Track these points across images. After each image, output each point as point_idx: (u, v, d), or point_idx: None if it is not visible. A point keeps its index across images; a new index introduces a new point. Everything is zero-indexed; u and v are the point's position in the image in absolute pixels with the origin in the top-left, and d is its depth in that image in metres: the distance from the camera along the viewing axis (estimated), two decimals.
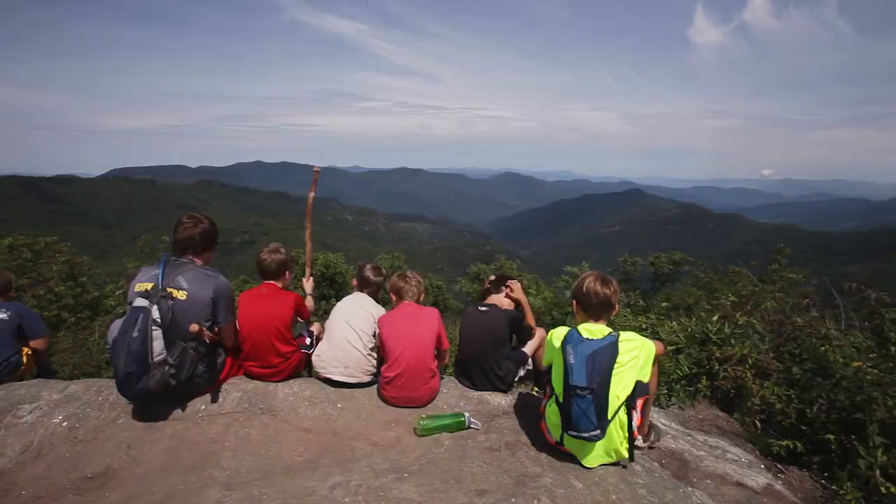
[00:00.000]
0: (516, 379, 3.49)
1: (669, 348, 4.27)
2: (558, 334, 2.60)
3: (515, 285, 3.57)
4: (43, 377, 3.68)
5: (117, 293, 11.61)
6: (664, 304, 6.67)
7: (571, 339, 2.47)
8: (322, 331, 3.51)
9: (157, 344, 2.60)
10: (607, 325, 2.60)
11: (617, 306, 2.67)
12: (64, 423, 2.76)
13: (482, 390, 3.36)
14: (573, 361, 2.40)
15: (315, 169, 3.96)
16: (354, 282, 3.60)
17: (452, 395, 3.29)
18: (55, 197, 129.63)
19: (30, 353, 3.47)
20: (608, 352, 2.40)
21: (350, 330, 3.17)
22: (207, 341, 2.84)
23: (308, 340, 3.46)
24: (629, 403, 2.48)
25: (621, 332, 2.51)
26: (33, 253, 10.15)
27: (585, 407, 2.37)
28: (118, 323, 3.98)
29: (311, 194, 3.91)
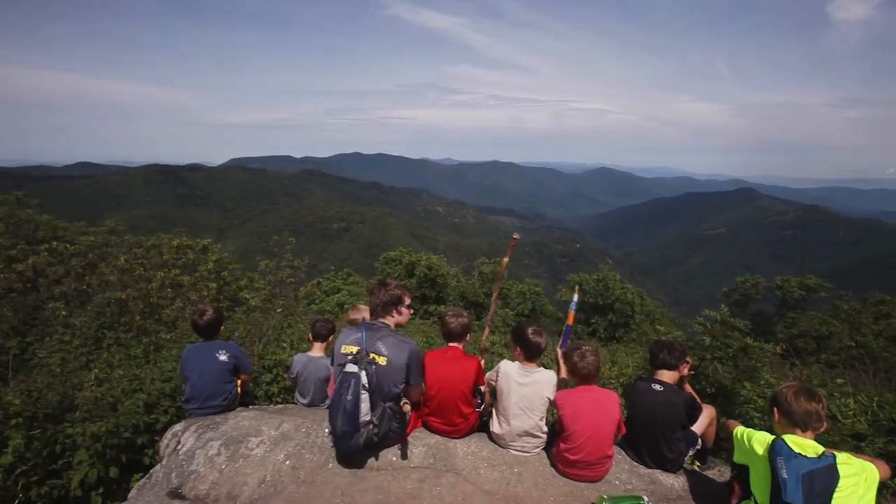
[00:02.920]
0: (685, 458, 3.45)
1: (846, 434, 3.93)
2: (760, 440, 2.56)
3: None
4: (245, 400, 4.31)
5: (256, 287, 12.99)
6: (839, 381, 6.02)
7: (782, 452, 2.41)
8: (488, 390, 3.67)
9: (364, 406, 2.97)
10: (815, 440, 2.50)
11: (825, 422, 2.56)
12: (287, 462, 3.23)
13: (650, 468, 3.37)
14: (786, 477, 2.35)
15: (514, 236, 3.88)
16: (517, 350, 3.39)
17: (622, 470, 3.34)
18: (186, 182, 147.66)
19: (239, 384, 4.07)
20: (828, 475, 2.32)
21: (529, 420, 3.26)
22: (408, 415, 3.21)
23: (477, 399, 3.68)
24: None
25: (837, 454, 2.41)
26: (194, 253, 11.72)
27: None
28: (302, 358, 4.50)
29: (506, 259, 3.98)
